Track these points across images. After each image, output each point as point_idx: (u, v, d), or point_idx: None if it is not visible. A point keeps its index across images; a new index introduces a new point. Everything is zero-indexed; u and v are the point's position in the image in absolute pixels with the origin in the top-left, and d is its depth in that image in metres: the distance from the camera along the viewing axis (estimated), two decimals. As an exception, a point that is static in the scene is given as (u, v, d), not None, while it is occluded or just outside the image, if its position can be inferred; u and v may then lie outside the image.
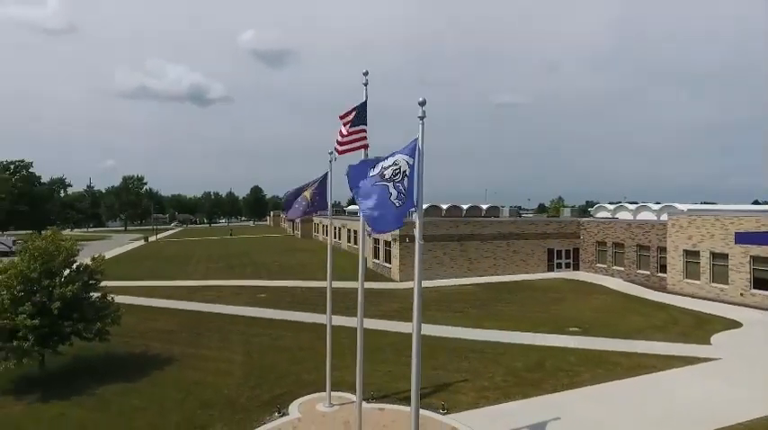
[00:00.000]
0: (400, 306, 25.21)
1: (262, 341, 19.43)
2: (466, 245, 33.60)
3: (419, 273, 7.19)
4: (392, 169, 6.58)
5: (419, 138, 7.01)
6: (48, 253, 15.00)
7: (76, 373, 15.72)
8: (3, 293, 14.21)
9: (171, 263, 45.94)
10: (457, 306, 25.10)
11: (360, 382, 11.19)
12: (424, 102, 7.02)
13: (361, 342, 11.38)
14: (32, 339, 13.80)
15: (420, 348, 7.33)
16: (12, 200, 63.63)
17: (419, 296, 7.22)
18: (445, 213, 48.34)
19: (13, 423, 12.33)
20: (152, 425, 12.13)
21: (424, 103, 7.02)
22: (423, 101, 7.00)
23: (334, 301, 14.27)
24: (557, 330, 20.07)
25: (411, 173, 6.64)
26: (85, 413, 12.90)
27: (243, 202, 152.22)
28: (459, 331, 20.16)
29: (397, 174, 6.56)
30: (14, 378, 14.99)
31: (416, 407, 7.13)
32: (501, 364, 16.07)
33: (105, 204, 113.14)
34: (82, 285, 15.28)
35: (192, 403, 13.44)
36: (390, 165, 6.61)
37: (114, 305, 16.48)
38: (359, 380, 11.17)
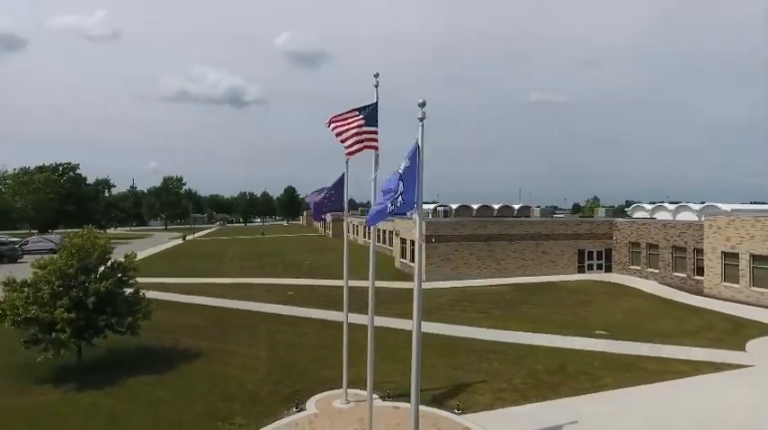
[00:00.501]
0: (424, 306, 25.20)
1: (286, 338, 19.89)
2: (493, 245, 33.26)
3: (418, 271, 7.29)
4: None
5: (419, 139, 7.11)
6: (84, 250, 15.85)
7: (110, 365, 16.53)
8: (44, 288, 15.11)
9: (206, 261, 47.45)
10: (482, 306, 24.92)
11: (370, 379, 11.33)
12: (423, 103, 7.10)
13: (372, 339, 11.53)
14: (69, 332, 14.62)
15: (420, 347, 7.43)
16: (60, 200, 67.24)
17: (419, 296, 7.33)
18: (476, 213, 48.03)
19: (51, 410, 13.10)
20: (176, 416, 12.65)
21: (423, 104, 7.11)
22: (422, 102, 7.09)
23: (356, 300, 14.53)
24: (583, 333, 19.66)
25: (407, 173, 6.74)
26: (116, 403, 13.57)
27: (277, 202, 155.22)
28: (482, 332, 20.03)
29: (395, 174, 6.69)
30: (54, 368, 15.88)
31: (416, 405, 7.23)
32: (522, 366, 15.91)
33: (147, 204, 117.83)
34: (115, 281, 16.07)
35: (215, 396, 13.93)
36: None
37: (145, 300, 17.25)
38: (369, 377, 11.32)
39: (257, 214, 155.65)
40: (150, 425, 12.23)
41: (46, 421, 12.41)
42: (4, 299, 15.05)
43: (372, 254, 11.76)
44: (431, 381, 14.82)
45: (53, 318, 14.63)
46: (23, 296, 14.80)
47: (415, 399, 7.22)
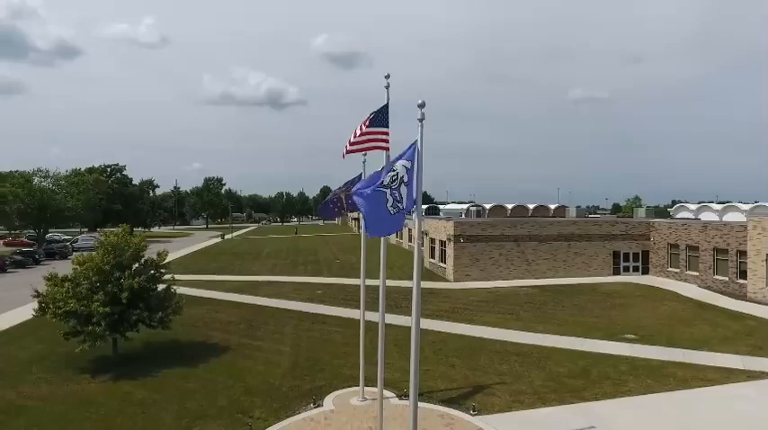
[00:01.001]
0: (450, 306, 25.17)
1: (312, 335, 20.29)
2: (524, 246, 32.71)
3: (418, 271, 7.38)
4: (391, 176, 6.81)
5: (419, 141, 7.20)
6: (119, 248, 16.74)
7: (145, 357, 17.37)
8: (83, 283, 16.07)
9: (241, 259, 48.81)
10: (509, 308, 24.61)
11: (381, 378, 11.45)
12: (423, 104, 7.19)
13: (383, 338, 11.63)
14: (104, 325, 15.49)
15: (419, 344, 7.51)
16: (108, 199, 70.80)
17: (418, 294, 7.41)
18: (510, 213, 47.30)
19: (87, 398, 13.93)
20: (201, 408, 13.19)
21: (423, 105, 7.19)
22: (422, 103, 7.18)
23: (389, 298, 14.54)
24: (612, 337, 19.13)
25: (410, 177, 6.84)
26: (147, 393, 14.28)
27: (313, 202, 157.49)
28: (507, 333, 19.81)
29: (395, 181, 6.78)
30: (92, 359, 16.84)
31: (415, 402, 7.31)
32: (543, 369, 15.68)
33: (189, 204, 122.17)
34: (147, 278, 16.87)
35: (238, 389, 14.44)
36: (390, 172, 6.86)
37: (177, 296, 18.03)
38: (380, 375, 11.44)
39: (294, 214, 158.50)
40: (176, 414, 12.81)
41: (83, 408, 13.20)
42: (46, 292, 16.08)
43: (383, 252, 11.88)
44: (448, 381, 14.86)
45: (90, 312, 15.52)
46: (63, 290, 15.77)
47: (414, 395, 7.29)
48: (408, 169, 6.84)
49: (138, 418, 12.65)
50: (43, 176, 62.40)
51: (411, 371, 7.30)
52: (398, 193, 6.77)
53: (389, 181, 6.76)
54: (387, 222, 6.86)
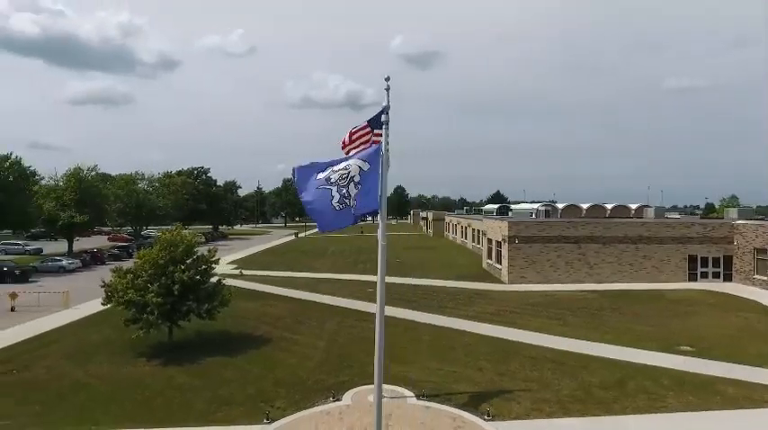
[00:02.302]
0: (496, 308, 24.57)
1: (350, 332, 20.84)
2: (585, 248, 30.95)
3: (382, 273, 7.48)
4: (339, 173, 6.99)
5: (383, 143, 7.33)
6: (173, 244, 18.35)
7: (194, 345, 18.85)
8: (142, 275, 17.83)
9: (306, 256, 50.88)
10: (558, 313, 23.52)
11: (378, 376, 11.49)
12: (388, 107, 7.31)
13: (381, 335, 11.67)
14: (156, 314, 17.09)
15: (383, 346, 7.60)
16: (194, 200, 77.00)
17: (382, 297, 7.52)
18: (585, 213, 44.85)
19: (137, 379, 15.46)
20: (231, 395, 14.16)
21: (388, 107, 7.31)
22: (387, 105, 7.30)
23: (437, 299, 14.43)
24: (664, 348, 17.69)
25: (366, 178, 6.99)
26: (188, 378, 15.56)
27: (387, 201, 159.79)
28: (548, 339, 19.02)
29: (344, 179, 6.96)
30: (150, 345, 18.58)
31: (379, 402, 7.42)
32: (576, 378, 14.92)
33: (269, 203, 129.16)
34: (196, 272, 18.32)
35: (268, 380, 15.27)
36: (339, 170, 7.04)
37: (225, 290, 19.40)
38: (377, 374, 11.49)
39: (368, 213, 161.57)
40: (208, 400, 13.85)
41: (131, 388, 14.68)
42: (111, 283, 18.03)
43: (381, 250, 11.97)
44: (471, 384, 14.64)
45: (145, 302, 17.19)
46: (125, 281, 17.60)
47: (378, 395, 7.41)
48: (364, 170, 6.98)
49: (174, 401, 13.85)
50: (140, 179, 69.16)
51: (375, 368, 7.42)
52: (346, 191, 6.94)
53: (337, 178, 6.96)
54: (332, 218, 7.06)
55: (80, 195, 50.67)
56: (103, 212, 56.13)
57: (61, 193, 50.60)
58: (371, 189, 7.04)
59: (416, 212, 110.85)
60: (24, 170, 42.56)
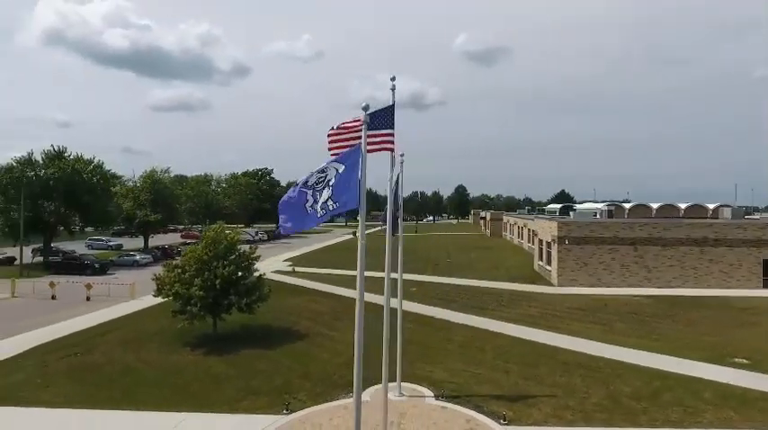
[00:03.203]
0: (539, 311, 23.78)
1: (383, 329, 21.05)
2: (642, 250, 29.08)
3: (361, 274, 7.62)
4: (318, 177, 7.19)
5: (362, 143, 7.47)
6: (216, 241, 19.51)
7: (237, 338, 19.90)
8: (188, 270, 19.12)
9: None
10: (605, 318, 22.36)
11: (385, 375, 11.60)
12: (367, 107, 7.45)
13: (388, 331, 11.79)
14: (199, 306, 18.26)
15: (362, 351, 7.73)
16: (258, 199, 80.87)
17: (361, 297, 7.64)
18: (655, 213, 42.11)
19: (180, 366, 16.62)
20: (259, 385, 14.85)
21: (367, 108, 7.44)
22: (366, 106, 7.44)
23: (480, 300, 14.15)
24: (715, 359, 16.35)
25: (340, 179, 7.14)
26: (225, 368, 16.49)
27: (447, 201, 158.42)
28: (587, 344, 18.19)
29: (320, 183, 7.15)
30: (197, 335, 19.86)
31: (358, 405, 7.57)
32: (607, 386, 14.20)
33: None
34: (237, 268, 19.34)
35: (297, 372, 15.86)
36: (317, 173, 7.25)
37: (264, 286, 20.33)
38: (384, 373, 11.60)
39: (428, 212, 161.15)
40: (238, 388, 14.64)
41: (173, 375, 15.82)
42: (161, 276, 19.49)
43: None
44: (494, 387, 14.38)
45: (190, 295, 18.43)
46: (172, 275, 18.97)
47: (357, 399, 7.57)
48: (339, 172, 7.15)
49: (209, 388, 14.76)
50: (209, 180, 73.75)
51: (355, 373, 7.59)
52: (319, 195, 7.14)
53: (315, 181, 7.16)
54: (301, 219, 7.26)
55: (154, 195, 54.90)
56: (175, 211, 60.37)
57: (138, 194, 55.09)
58: (349, 188, 7.20)
59: (477, 212, 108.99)
60: (105, 173, 46.74)
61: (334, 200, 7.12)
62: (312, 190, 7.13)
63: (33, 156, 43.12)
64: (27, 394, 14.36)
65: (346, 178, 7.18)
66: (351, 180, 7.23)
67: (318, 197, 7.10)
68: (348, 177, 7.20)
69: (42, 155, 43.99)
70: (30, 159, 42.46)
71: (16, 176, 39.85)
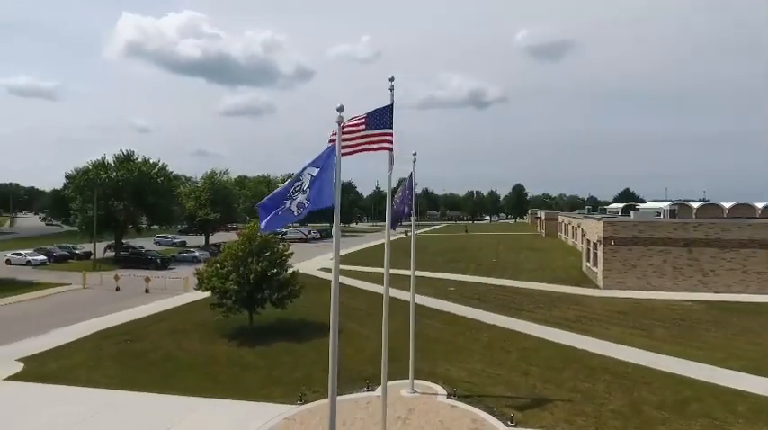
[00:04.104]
0: (577, 314, 22.95)
1: (414, 328, 21.20)
2: (697, 252, 27.14)
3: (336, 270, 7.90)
4: (295, 186, 7.50)
5: (337, 143, 7.75)
6: (250, 238, 20.52)
7: (271, 331, 20.79)
8: (225, 265, 20.26)
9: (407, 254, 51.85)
10: (646, 323, 21.20)
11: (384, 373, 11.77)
12: (341, 108, 7.75)
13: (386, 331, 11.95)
14: (234, 300, 19.31)
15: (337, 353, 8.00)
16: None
17: (336, 293, 7.91)
18: (728, 213, 39.26)
19: (214, 356, 17.67)
20: (281, 376, 15.53)
21: (341, 108, 7.75)
22: (340, 107, 7.75)
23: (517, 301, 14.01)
24: (760, 370, 15.13)
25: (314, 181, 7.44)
26: (254, 359, 17.35)
27: (504, 200, 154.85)
28: (619, 350, 17.42)
29: (296, 191, 7.48)
30: (235, 327, 20.95)
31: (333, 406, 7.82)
32: (631, 394, 13.58)
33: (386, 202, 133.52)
34: (270, 264, 20.23)
35: (318, 366, 16.37)
36: (294, 181, 7.57)
37: (296, 282, 21.12)
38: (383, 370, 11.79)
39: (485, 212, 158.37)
40: (262, 378, 15.42)
41: (207, 363, 16.86)
42: (201, 271, 20.78)
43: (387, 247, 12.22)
44: (510, 389, 14.20)
45: (225, 289, 19.54)
46: (211, 270, 20.18)
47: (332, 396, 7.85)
48: (313, 175, 7.45)
49: (237, 377, 15.64)
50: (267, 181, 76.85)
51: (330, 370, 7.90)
52: (292, 200, 7.44)
53: (292, 191, 7.49)
54: (276, 220, 7.60)
55: (213, 195, 58.08)
56: (234, 210, 63.51)
57: (199, 194, 58.53)
58: (323, 188, 7.49)
59: (533, 212, 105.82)
60: (168, 174, 50.12)
61: (309, 198, 7.45)
62: (290, 199, 7.47)
63: (106, 159, 47.08)
64: (80, 374, 15.91)
65: (321, 178, 7.49)
66: (325, 180, 7.54)
67: (293, 200, 7.43)
68: (323, 177, 7.51)
69: (113, 158, 47.93)
70: (102, 162, 46.38)
71: (91, 178, 43.73)
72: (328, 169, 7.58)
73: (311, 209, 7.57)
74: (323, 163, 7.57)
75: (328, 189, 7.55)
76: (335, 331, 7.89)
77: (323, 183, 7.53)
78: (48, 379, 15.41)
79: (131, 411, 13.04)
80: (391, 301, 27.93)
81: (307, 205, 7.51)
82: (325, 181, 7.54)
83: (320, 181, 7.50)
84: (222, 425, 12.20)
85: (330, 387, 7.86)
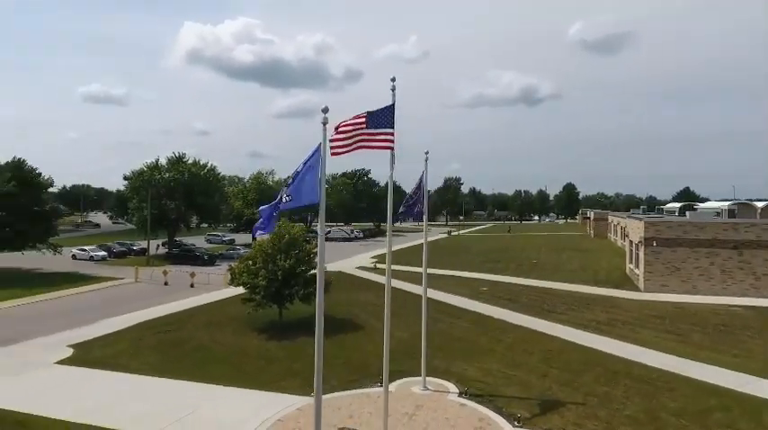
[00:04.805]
0: (610, 317, 22.16)
1: (438, 327, 21.23)
2: (749, 254, 25.40)
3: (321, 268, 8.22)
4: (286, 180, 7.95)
5: (322, 143, 8.08)
6: (280, 236, 21.31)
7: (300, 326, 21.38)
8: (256, 262, 21.14)
9: (448, 253, 51.67)
10: (684, 328, 20.18)
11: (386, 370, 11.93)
12: (326, 109, 8.07)
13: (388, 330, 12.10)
14: (262, 295, 20.13)
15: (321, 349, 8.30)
16: (356, 199, 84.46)
17: (321, 288, 8.23)
18: (761, 213, 36.70)
19: (242, 347, 18.50)
20: (300, 369, 15.93)
21: (326, 110, 8.07)
22: (325, 108, 8.07)
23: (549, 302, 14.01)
24: (803, 381, 14.11)
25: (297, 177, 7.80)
26: (279, 351, 18.02)
27: (554, 200, 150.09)
28: (648, 354, 16.75)
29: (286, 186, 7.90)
30: (267, 321, 21.77)
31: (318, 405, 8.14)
32: (650, 400, 13.10)
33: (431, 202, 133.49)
34: (297, 261, 20.91)
35: (340, 361, 16.79)
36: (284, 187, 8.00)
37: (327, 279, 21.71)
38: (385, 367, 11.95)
39: (533, 212, 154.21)
40: (282, 369, 16.05)
41: (235, 354, 17.68)
42: (234, 267, 21.78)
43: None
44: (524, 390, 14.07)
45: (255, 284, 20.41)
46: (242, 266, 21.13)
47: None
48: (299, 171, 7.81)
49: (261, 368, 16.34)
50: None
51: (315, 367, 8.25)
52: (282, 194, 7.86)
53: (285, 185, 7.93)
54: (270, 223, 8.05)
55: (259, 195, 60.24)
56: (278, 210, 65.54)
57: (246, 194, 60.93)
58: (304, 184, 7.83)
59: (583, 212, 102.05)
60: (217, 175, 52.50)
61: (289, 194, 7.81)
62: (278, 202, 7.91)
63: (159, 161, 50.00)
64: (122, 361, 17.16)
65: (305, 176, 7.85)
66: (308, 177, 7.88)
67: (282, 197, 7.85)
68: (306, 174, 7.86)
69: (166, 160, 50.81)
70: (156, 164, 49.28)
71: (145, 179, 46.61)
72: (313, 167, 7.91)
73: (291, 206, 7.93)
74: (309, 160, 7.92)
75: (311, 186, 7.87)
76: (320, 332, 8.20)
77: (304, 180, 7.87)
78: (91, 364, 16.75)
79: (159, 395, 14.00)
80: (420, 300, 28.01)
81: (287, 201, 7.87)
82: (307, 177, 7.88)
83: (303, 177, 7.84)
84: (237, 412, 12.86)
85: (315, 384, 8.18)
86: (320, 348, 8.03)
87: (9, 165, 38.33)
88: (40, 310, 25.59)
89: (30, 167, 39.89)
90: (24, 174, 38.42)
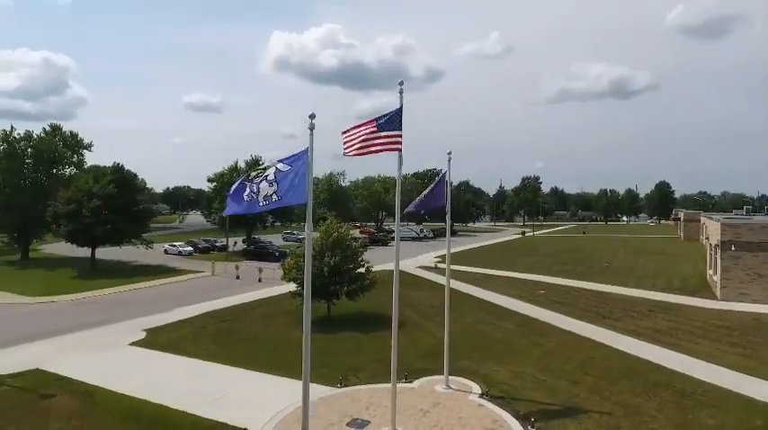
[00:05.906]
0: (670, 326, 20.63)
1: (479, 328, 21.17)
2: None
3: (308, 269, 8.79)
4: (257, 172, 8.60)
5: (309, 147, 8.64)
6: (327, 233, 22.36)
7: (346, 320, 22.26)
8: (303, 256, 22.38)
9: (515, 254, 50.30)
10: (753, 341, 18.31)
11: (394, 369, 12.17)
12: (313, 115, 8.63)
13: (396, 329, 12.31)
14: (309, 290, 21.27)
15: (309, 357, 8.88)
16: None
17: (308, 286, 8.80)
18: None
19: (288, 339, 19.58)
20: (335, 361, 16.79)
21: (313, 116, 8.63)
22: (312, 114, 8.64)
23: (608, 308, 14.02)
24: None
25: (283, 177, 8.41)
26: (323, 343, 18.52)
27: (645, 199, 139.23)
28: (701, 367, 15.53)
29: (258, 177, 8.49)
30: (316, 316, 22.70)
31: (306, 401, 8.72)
32: (685, 415, 12.24)
33: (508, 202, 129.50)
34: (342, 259, 21.81)
35: (373, 355, 17.36)
36: (259, 169, 8.66)
37: (369, 277, 22.41)
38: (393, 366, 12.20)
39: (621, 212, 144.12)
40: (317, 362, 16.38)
41: (281, 345, 18.90)
42: (285, 264, 23.18)
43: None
44: (549, 395, 13.82)
45: (302, 280, 21.61)
46: (292, 262, 22.46)
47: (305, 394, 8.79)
48: (282, 171, 8.41)
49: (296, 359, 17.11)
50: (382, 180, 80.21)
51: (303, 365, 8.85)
52: (257, 187, 8.45)
53: (254, 175, 8.58)
54: (238, 206, 8.72)
55: (331, 196, 62.77)
56: (349, 209, 67.84)
57: (318, 194, 63.72)
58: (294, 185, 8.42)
59: (675, 212, 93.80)
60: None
61: (278, 194, 8.48)
62: (251, 182, 8.60)
63: (238, 164, 53.94)
64: (182, 345, 19.08)
65: (293, 177, 8.48)
66: (297, 178, 8.50)
67: (256, 188, 8.52)
68: (294, 176, 8.49)
69: (244, 162, 54.69)
70: (235, 167, 53.24)
71: (226, 181, 50.52)
72: (302, 169, 8.53)
73: (279, 205, 8.60)
74: (295, 162, 8.54)
75: (299, 187, 8.47)
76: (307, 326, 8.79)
77: (294, 181, 8.49)
78: (158, 346, 18.82)
79: (206, 377, 15.51)
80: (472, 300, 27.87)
81: (275, 200, 8.53)
82: (296, 179, 8.49)
83: (292, 178, 8.47)
84: (265, 396, 13.90)
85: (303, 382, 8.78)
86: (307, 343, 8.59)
87: (111, 170, 43.42)
88: (128, 298, 28.98)
89: (128, 171, 44.93)
90: (123, 177, 43.32)
